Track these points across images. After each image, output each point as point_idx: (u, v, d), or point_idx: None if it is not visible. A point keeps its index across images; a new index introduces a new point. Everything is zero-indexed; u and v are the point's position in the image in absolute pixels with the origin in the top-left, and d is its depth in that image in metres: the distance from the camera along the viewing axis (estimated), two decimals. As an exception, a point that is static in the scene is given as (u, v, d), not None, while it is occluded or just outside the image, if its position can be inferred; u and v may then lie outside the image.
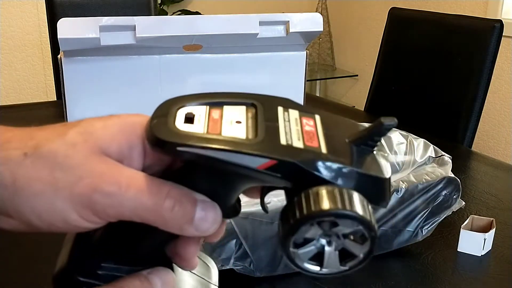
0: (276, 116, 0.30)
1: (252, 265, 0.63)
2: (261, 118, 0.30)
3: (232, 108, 0.31)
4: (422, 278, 0.68)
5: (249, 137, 0.29)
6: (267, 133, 0.29)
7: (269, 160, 0.28)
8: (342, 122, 0.32)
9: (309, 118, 0.31)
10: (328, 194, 0.27)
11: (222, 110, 0.31)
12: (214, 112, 0.30)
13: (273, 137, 0.29)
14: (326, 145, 0.29)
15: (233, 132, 0.29)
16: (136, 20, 0.74)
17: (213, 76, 0.85)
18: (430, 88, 1.50)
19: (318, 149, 0.29)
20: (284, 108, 0.31)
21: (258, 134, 0.29)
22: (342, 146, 0.30)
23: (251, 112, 0.31)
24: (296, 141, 0.29)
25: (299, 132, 0.30)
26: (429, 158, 0.73)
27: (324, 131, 0.30)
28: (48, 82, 2.75)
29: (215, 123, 0.29)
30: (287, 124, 0.30)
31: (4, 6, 2.59)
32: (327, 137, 0.30)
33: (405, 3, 2.74)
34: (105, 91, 0.80)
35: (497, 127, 2.56)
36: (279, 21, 0.81)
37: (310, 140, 0.29)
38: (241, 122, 0.30)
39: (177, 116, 0.30)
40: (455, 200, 0.73)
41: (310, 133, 0.30)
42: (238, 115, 0.30)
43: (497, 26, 1.35)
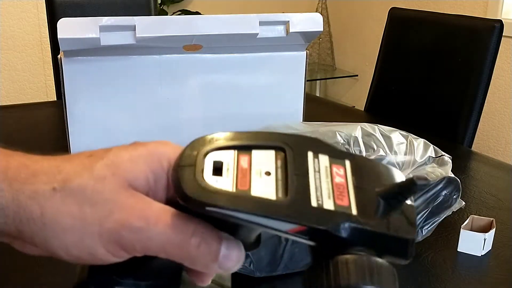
0: (306, 166, 0.30)
1: (252, 265, 0.63)
2: (291, 169, 0.29)
3: (261, 153, 0.30)
4: (422, 278, 0.68)
5: (279, 197, 0.28)
6: (297, 192, 0.28)
7: (299, 226, 0.28)
8: (373, 168, 0.32)
9: (340, 166, 0.31)
10: (357, 267, 0.27)
11: (251, 157, 0.30)
12: (242, 159, 0.30)
13: (304, 197, 0.28)
14: (356, 203, 0.29)
15: (263, 189, 0.28)
16: (136, 20, 0.74)
17: (213, 76, 0.85)
18: (430, 88, 1.50)
19: (349, 210, 0.29)
20: (314, 154, 0.31)
21: (289, 193, 0.28)
22: (372, 202, 0.29)
23: (280, 159, 0.30)
24: (326, 201, 0.29)
25: (329, 188, 0.29)
26: (429, 158, 0.73)
27: (355, 182, 0.30)
28: (48, 82, 2.74)
29: (244, 175, 0.29)
30: (318, 177, 0.30)
31: (4, 6, 2.59)
32: (357, 191, 0.30)
33: (405, 3, 2.74)
34: (105, 91, 0.80)
35: (497, 127, 2.56)
36: (279, 21, 0.81)
37: (340, 197, 0.29)
38: (271, 174, 0.29)
39: (205, 165, 0.29)
40: (455, 200, 0.73)
41: (341, 187, 0.30)
42: (267, 164, 0.30)
43: (497, 26, 1.35)
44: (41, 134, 1.21)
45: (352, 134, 0.69)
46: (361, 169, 0.31)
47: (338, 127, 0.71)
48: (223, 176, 0.29)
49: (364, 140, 0.70)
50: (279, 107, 0.90)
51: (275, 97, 0.89)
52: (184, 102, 0.84)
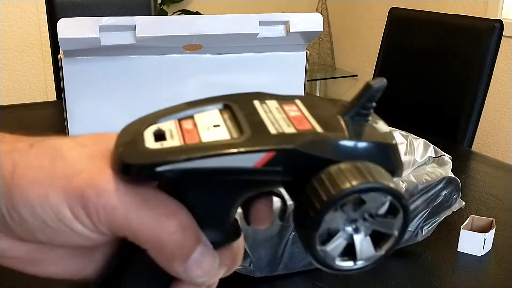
0: (255, 110, 0.27)
1: (252, 265, 0.63)
2: (240, 116, 0.27)
3: (204, 114, 0.27)
4: (422, 278, 0.68)
5: (235, 137, 0.25)
6: (252, 127, 0.26)
7: (266, 154, 0.24)
8: (324, 101, 0.29)
9: (291, 104, 0.28)
10: (343, 172, 0.24)
11: (194, 119, 0.27)
12: (185, 123, 0.27)
13: (261, 129, 0.25)
14: (319, 125, 0.26)
15: (215, 137, 0.25)
16: (136, 20, 0.74)
17: (213, 76, 0.85)
18: (430, 88, 1.50)
19: (314, 130, 0.26)
20: (261, 101, 0.28)
21: (244, 131, 0.25)
22: (336, 122, 0.27)
23: (226, 113, 0.27)
24: (286, 128, 0.26)
25: (286, 119, 0.26)
26: (429, 158, 0.73)
27: (311, 112, 0.27)
28: (48, 82, 2.74)
29: (190, 133, 0.26)
30: (270, 115, 0.27)
31: (4, 6, 2.59)
32: (316, 118, 0.27)
33: (405, 3, 2.74)
34: (105, 91, 0.80)
35: (497, 127, 2.56)
36: (279, 21, 0.81)
37: (300, 124, 0.26)
38: (220, 125, 0.26)
39: (145, 136, 0.26)
40: (455, 200, 0.73)
41: (298, 118, 0.27)
42: (214, 120, 0.27)
43: (497, 26, 1.35)
44: (41, 134, 1.21)
45: (352, 134, 0.69)
46: (314, 103, 0.28)
47: (338, 127, 0.71)
48: (167, 140, 0.25)
49: (364, 140, 0.70)
50: (279, 107, 0.90)
51: (275, 97, 0.90)
52: (184, 102, 0.84)
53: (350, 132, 0.26)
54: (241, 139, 0.25)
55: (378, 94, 0.27)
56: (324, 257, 0.26)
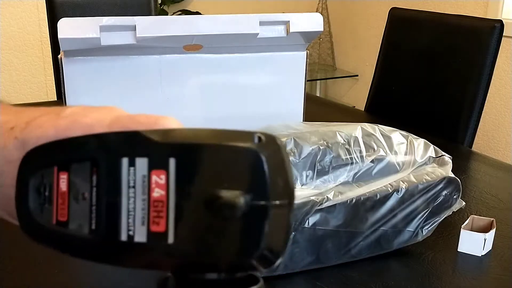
0: (119, 181, 0.25)
1: (252, 265, 0.63)
2: (103, 189, 0.26)
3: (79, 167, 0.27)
4: (422, 278, 0.68)
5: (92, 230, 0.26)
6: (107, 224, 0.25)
7: None
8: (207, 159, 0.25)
9: (161, 172, 0.25)
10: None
11: (69, 174, 0.27)
12: (62, 179, 0.27)
13: (113, 230, 0.25)
14: (174, 225, 0.24)
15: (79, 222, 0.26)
16: (136, 20, 0.74)
17: (213, 76, 0.85)
18: (430, 88, 1.50)
19: (164, 237, 0.24)
20: (130, 160, 0.25)
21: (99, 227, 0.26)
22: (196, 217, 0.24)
23: (95, 174, 0.26)
24: (139, 229, 0.25)
25: (145, 209, 0.25)
26: (430, 158, 0.73)
27: (179, 191, 0.25)
28: (48, 82, 2.74)
29: (63, 201, 0.27)
30: (132, 195, 0.25)
31: (4, 6, 2.59)
32: (178, 206, 0.24)
33: (405, 3, 2.74)
34: (106, 91, 0.80)
35: (498, 127, 2.56)
36: (279, 21, 0.81)
37: (157, 219, 0.25)
38: (86, 198, 0.26)
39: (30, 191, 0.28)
40: (455, 200, 0.73)
41: (159, 204, 0.25)
42: (84, 183, 0.26)
43: (498, 26, 1.35)
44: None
45: (352, 134, 0.69)
46: (192, 166, 0.25)
47: (338, 127, 0.71)
48: (45, 204, 0.27)
49: (365, 140, 0.70)
50: (279, 107, 0.90)
51: (275, 97, 0.89)
52: (184, 102, 0.84)
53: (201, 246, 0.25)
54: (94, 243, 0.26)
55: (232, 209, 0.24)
56: None
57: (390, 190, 0.67)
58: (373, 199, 0.66)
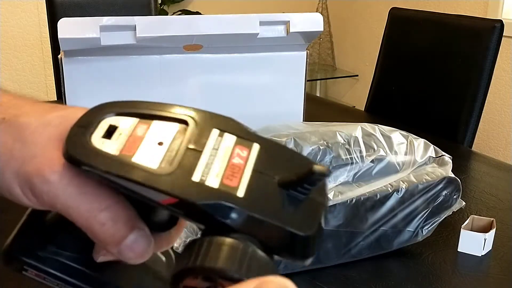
0: (204, 142, 0.28)
1: (252, 265, 0.63)
2: (185, 142, 0.28)
3: (162, 124, 0.29)
4: (422, 278, 0.68)
5: (161, 167, 0.27)
6: (181, 165, 0.26)
7: (170, 198, 0.26)
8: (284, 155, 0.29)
9: (245, 148, 0.28)
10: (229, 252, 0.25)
11: (150, 126, 0.29)
12: (140, 127, 0.29)
13: (186, 170, 0.26)
14: (247, 186, 0.26)
15: (147, 158, 0.27)
16: (136, 20, 0.74)
17: (213, 76, 0.85)
18: (430, 88, 1.50)
19: (234, 191, 0.26)
20: (220, 131, 0.28)
21: (172, 165, 0.27)
22: (268, 188, 0.27)
23: (180, 132, 0.28)
24: (212, 178, 0.26)
25: (222, 167, 0.27)
26: (430, 158, 0.73)
27: (255, 166, 0.27)
28: (48, 82, 2.75)
29: (134, 142, 0.28)
30: (213, 154, 0.27)
31: (4, 6, 2.59)
32: (254, 176, 0.27)
33: (405, 3, 2.74)
34: (106, 91, 0.80)
35: (498, 127, 2.56)
36: (279, 21, 0.81)
37: (231, 177, 0.27)
38: (163, 144, 0.28)
39: (99, 128, 0.28)
40: (455, 200, 0.73)
41: (236, 168, 0.27)
42: (164, 135, 0.28)
43: (498, 26, 1.35)
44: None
45: (352, 134, 0.69)
46: (270, 154, 0.28)
47: (338, 127, 0.71)
48: (111, 140, 0.28)
49: (365, 140, 0.70)
50: (279, 107, 0.90)
51: (276, 97, 0.89)
52: (184, 102, 0.84)
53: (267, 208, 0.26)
54: (160, 174, 0.26)
55: (319, 182, 0.26)
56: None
57: (390, 190, 0.67)
58: (373, 199, 0.67)
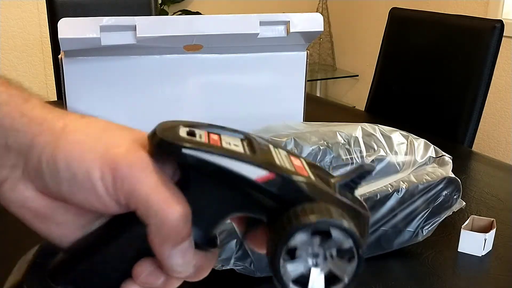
0: (268, 148, 0.32)
1: (252, 265, 0.63)
2: (255, 145, 0.32)
3: (229, 134, 0.33)
4: (423, 278, 0.68)
5: (247, 153, 0.30)
6: (262, 153, 0.31)
7: (269, 173, 0.29)
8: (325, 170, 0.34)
9: (296, 158, 0.33)
10: (324, 208, 0.29)
11: (220, 135, 0.32)
12: (212, 135, 0.32)
13: (269, 157, 0.31)
14: (314, 177, 0.31)
15: (233, 147, 0.30)
16: (136, 20, 0.74)
17: (213, 76, 0.85)
18: (430, 88, 1.50)
19: (308, 177, 0.30)
20: (274, 146, 0.33)
21: (256, 152, 0.30)
22: (327, 181, 0.31)
23: (245, 141, 0.32)
24: (288, 166, 0.31)
25: (289, 163, 0.31)
26: (430, 158, 0.73)
27: (311, 169, 0.32)
28: (48, 82, 2.75)
29: (215, 140, 0.31)
30: (279, 155, 0.32)
31: (5, 6, 2.59)
32: (313, 173, 0.32)
33: (405, 3, 2.74)
34: (106, 91, 0.80)
35: (498, 128, 2.56)
36: (279, 21, 0.81)
37: (299, 169, 0.31)
38: (238, 146, 0.31)
39: (180, 130, 0.31)
40: (455, 200, 0.73)
41: (299, 166, 0.32)
42: (235, 141, 0.32)
43: (498, 26, 1.35)
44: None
45: (352, 134, 0.70)
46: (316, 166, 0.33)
47: (338, 127, 0.71)
48: (196, 137, 0.30)
49: (365, 140, 0.70)
50: (279, 107, 0.90)
51: (276, 97, 0.89)
52: (184, 102, 0.84)
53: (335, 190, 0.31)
54: (252, 155, 0.30)
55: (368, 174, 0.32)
56: (283, 274, 0.29)
57: (391, 190, 0.67)
58: (373, 199, 0.67)
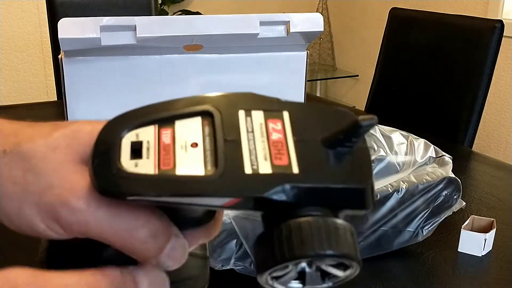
0: (237, 127, 0.27)
1: (252, 265, 0.63)
2: (220, 135, 0.26)
3: (185, 122, 0.27)
4: (423, 278, 0.68)
5: (208, 169, 0.25)
6: (228, 161, 0.25)
7: (232, 199, 0.25)
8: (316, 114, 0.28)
9: (277, 120, 0.28)
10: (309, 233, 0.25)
11: (174, 129, 0.27)
12: (164, 133, 0.27)
13: (236, 165, 0.25)
14: (297, 159, 0.26)
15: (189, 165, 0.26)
16: (136, 20, 0.74)
17: (213, 76, 0.85)
18: (430, 88, 1.50)
19: (288, 169, 0.26)
20: (246, 112, 0.28)
21: (219, 164, 0.25)
22: (316, 154, 0.27)
23: (207, 125, 0.27)
24: (262, 163, 0.26)
25: (265, 148, 0.26)
26: (430, 158, 0.73)
27: (295, 135, 0.27)
28: (48, 82, 2.75)
29: (167, 152, 0.26)
30: (251, 138, 0.27)
31: (5, 6, 2.59)
32: (298, 145, 0.27)
33: (405, 3, 2.74)
34: (106, 91, 0.80)
35: (498, 128, 2.56)
36: (279, 21, 0.81)
37: (278, 156, 0.26)
38: (198, 145, 0.26)
39: (122, 148, 0.26)
40: (455, 200, 0.73)
41: (279, 145, 0.27)
42: (193, 133, 0.27)
43: (498, 26, 1.35)
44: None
45: (352, 134, 0.69)
46: (303, 118, 0.28)
47: (338, 127, 0.71)
48: (143, 158, 0.26)
49: (365, 140, 0.70)
50: (279, 107, 0.90)
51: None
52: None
53: (324, 175, 0.26)
54: (213, 179, 0.25)
55: (366, 132, 0.26)
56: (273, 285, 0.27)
57: (391, 190, 0.67)
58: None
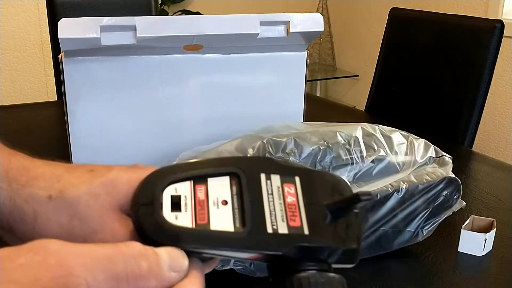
0: (260, 189, 0.32)
1: (252, 265, 0.63)
2: (246, 195, 0.32)
3: (216, 181, 0.32)
4: (423, 278, 0.68)
5: (237, 227, 0.31)
6: (253, 220, 0.31)
7: (257, 254, 0.31)
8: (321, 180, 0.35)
9: (291, 185, 0.33)
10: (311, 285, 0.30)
11: (207, 186, 0.32)
12: (199, 190, 0.32)
13: (260, 225, 0.31)
14: (307, 221, 0.32)
15: (221, 222, 0.30)
16: (136, 20, 0.74)
17: (213, 76, 0.85)
18: (430, 88, 1.50)
19: (301, 230, 0.31)
20: (267, 175, 0.33)
21: (246, 223, 0.31)
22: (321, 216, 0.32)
23: (235, 185, 0.32)
24: (280, 224, 0.31)
25: (282, 210, 0.32)
26: (430, 158, 0.73)
27: (305, 199, 0.33)
28: (48, 82, 2.75)
29: (202, 207, 0.31)
30: (271, 199, 0.32)
31: (5, 6, 2.59)
32: (307, 208, 0.32)
33: (405, 3, 2.74)
34: (106, 91, 0.80)
35: (498, 128, 2.56)
36: (279, 21, 0.81)
37: (292, 217, 0.32)
38: (227, 203, 0.31)
39: (164, 201, 0.30)
40: (455, 201, 0.73)
41: (292, 207, 0.32)
42: (223, 192, 0.32)
43: (498, 26, 1.35)
44: (41, 134, 1.21)
45: (352, 134, 0.69)
46: (311, 183, 0.34)
47: (338, 127, 0.71)
48: (181, 211, 0.30)
49: (365, 140, 0.70)
50: (279, 107, 0.90)
51: (276, 97, 0.89)
52: (184, 102, 0.84)
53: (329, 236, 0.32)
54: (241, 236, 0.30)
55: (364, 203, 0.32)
56: None
57: (391, 190, 0.67)
58: (373, 199, 0.67)
